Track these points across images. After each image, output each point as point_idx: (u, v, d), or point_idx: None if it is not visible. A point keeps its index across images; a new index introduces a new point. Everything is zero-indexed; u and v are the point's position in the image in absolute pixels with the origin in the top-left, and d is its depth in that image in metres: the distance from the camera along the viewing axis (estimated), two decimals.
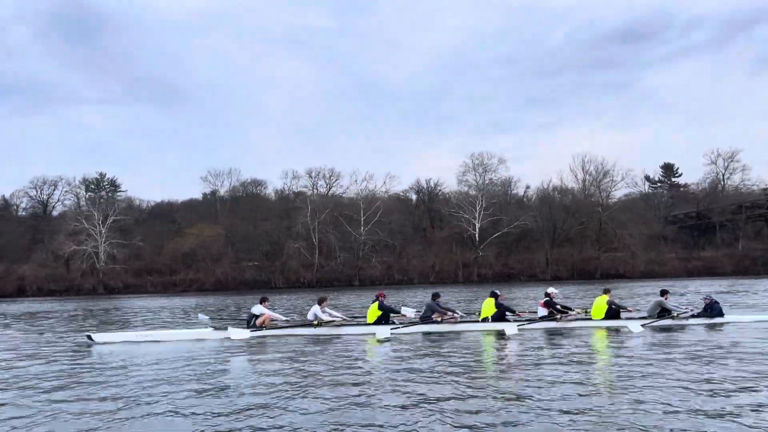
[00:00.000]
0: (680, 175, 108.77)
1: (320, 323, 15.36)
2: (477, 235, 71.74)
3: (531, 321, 15.87)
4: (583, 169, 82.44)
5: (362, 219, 71.40)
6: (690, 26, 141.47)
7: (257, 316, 15.61)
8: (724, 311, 16.06)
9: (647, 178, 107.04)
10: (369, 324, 15.53)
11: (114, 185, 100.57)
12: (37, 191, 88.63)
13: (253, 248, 70.93)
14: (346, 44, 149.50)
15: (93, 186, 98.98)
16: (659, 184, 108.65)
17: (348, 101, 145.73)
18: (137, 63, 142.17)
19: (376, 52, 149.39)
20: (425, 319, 15.72)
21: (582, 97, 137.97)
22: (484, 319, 15.68)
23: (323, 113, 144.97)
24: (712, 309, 15.82)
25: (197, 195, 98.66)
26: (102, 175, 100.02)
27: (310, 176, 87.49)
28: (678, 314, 15.69)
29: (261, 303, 16.01)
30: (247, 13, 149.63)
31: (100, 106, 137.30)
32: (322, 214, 70.77)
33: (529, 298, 31.42)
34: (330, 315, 15.95)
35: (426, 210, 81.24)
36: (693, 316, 15.79)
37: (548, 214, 72.79)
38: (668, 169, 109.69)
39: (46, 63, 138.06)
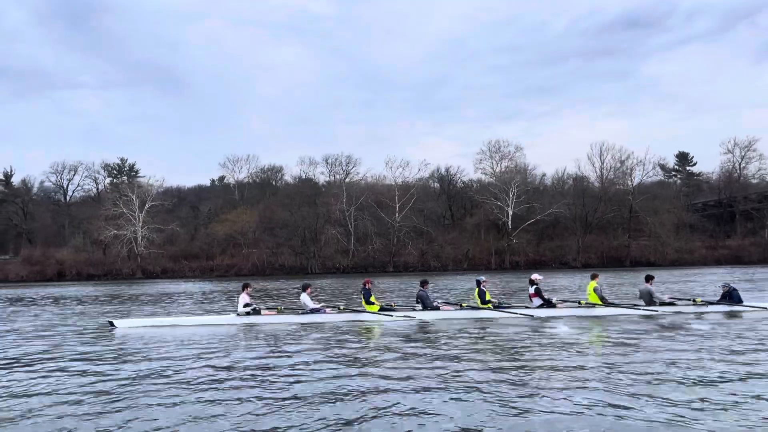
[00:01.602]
0: (695, 164, 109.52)
1: (341, 310, 15.44)
2: (510, 223, 72.40)
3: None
4: (600, 158, 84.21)
5: (397, 205, 71.92)
6: (693, 14, 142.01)
7: (249, 305, 15.27)
8: (743, 298, 15.93)
9: (662, 166, 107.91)
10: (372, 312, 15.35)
11: (133, 170, 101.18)
12: (57, 176, 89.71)
13: (290, 234, 71.41)
14: (347, 31, 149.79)
15: (115, 171, 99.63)
16: (674, 173, 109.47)
17: (347, 89, 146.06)
18: (135, 48, 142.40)
19: (377, 40, 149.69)
20: (426, 308, 15.39)
21: (583, 86, 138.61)
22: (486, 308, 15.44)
23: (322, 100, 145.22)
24: (731, 296, 15.73)
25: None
26: (123, 161, 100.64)
27: (327, 163, 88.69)
28: (693, 300, 15.96)
29: (244, 290, 15.58)
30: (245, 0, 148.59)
31: (97, 90, 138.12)
32: (359, 200, 71.30)
33: (562, 286, 30.62)
34: (312, 303, 15.52)
35: (454, 197, 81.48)
36: (711, 303, 15.80)
37: (581, 201, 73.31)
38: (683, 158, 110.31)
39: (44, 47, 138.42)
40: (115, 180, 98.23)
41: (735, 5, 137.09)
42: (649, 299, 15.67)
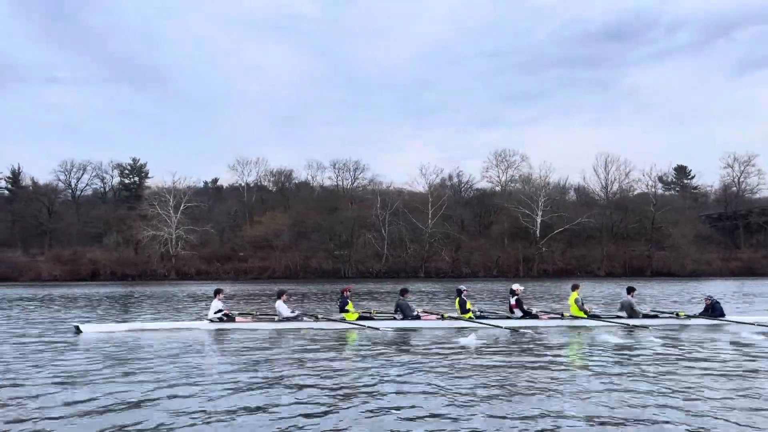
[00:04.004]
0: (692, 177, 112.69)
1: (317, 319, 14.77)
2: (538, 231, 74.21)
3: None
4: (605, 169, 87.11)
5: (430, 212, 73.30)
6: (673, 27, 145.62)
7: (220, 310, 14.79)
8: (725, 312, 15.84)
9: (660, 179, 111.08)
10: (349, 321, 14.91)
11: (143, 170, 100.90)
12: (66, 175, 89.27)
13: (323, 238, 72.26)
14: (332, 33, 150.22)
15: (127, 171, 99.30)
16: (671, 185, 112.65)
17: (330, 90, 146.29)
18: (114, 43, 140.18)
19: (362, 42, 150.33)
20: (406, 319, 14.95)
21: (564, 94, 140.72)
22: (469, 318, 14.96)
23: (305, 101, 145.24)
24: (713, 309, 15.67)
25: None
26: (135, 161, 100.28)
27: (335, 168, 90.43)
28: (675, 313, 15.75)
29: (215, 296, 15.01)
30: None
31: (74, 86, 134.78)
32: (393, 206, 72.52)
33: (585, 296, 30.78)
34: (286, 311, 14.97)
35: (479, 204, 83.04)
36: (694, 316, 15.63)
37: (607, 212, 75.51)
38: (681, 171, 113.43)
39: (20, 40, 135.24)
40: (126, 180, 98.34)
41: (714, 20, 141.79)
42: (631, 311, 15.43)
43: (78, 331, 14.07)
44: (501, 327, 14.24)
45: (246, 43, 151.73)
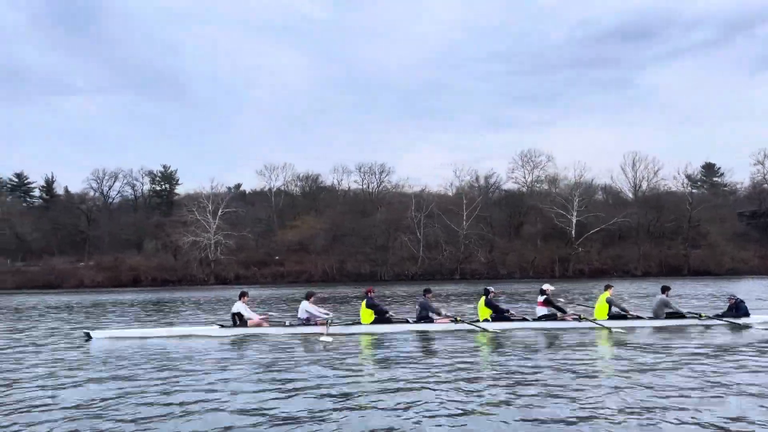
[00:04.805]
0: (722, 175, 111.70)
1: (330, 323, 14.33)
2: (574, 231, 74.21)
3: (524, 321, 15.11)
4: (633, 167, 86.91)
5: (464, 213, 73.60)
6: (692, 25, 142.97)
7: (239, 314, 14.55)
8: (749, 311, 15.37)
9: (688, 177, 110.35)
10: (364, 324, 14.66)
11: (173, 177, 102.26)
12: (98, 183, 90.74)
13: (359, 241, 72.84)
14: (341, 37, 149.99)
15: (159, 178, 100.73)
16: (700, 183, 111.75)
17: (340, 94, 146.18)
18: (131, 52, 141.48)
19: (371, 45, 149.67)
20: (422, 319, 14.83)
21: (577, 95, 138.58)
22: (485, 320, 14.84)
23: (315, 105, 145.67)
24: (737, 309, 15.25)
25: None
26: (166, 168, 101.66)
27: (360, 171, 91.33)
28: (699, 315, 15.26)
29: (240, 298, 14.83)
30: (242, 3, 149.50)
31: (93, 94, 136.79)
32: (428, 208, 72.93)
33: (622, 296, 29.42)
34: (317, 311, 14.78)
35: (512, 204, 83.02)
36: (717, 316, 15.26)
37: (643, 211, 75.24)
38: (709, 169, 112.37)
39: (40, 50, 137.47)
40: (157, 187, 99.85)
41: (734, 16, 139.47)
42: (661, 310, 15.22)
43: (88, 337, 13.99)
44: (487, 330, 14.18)
45: (255, 47, 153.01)
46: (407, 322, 14.94)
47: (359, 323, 14.71)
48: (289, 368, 9.75)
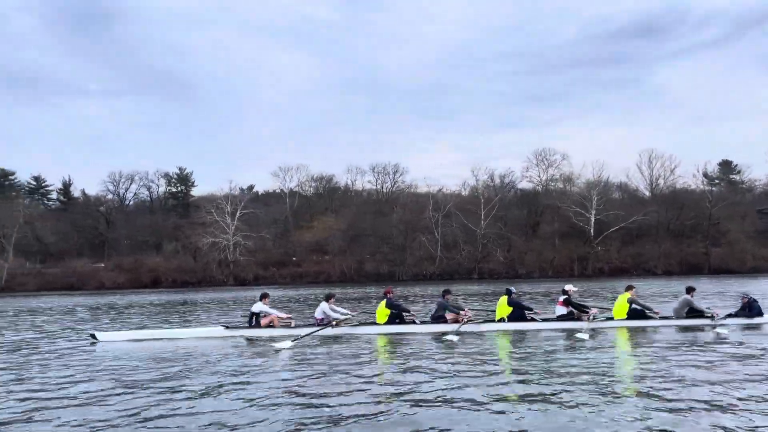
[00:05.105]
0: (739, 172, 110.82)
1: (337, 323, 14.25)
2: (592, 230, 73.94)
3: (546, 321, 14.88)
4: (650, 165, 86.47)
5: (482, 213, 73.49)
6: (703, 22, 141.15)
7: (257, 315, 14.47)
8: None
9: (705, 175, 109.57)
10: (380, 324, 14.47)
11: (188, 179, 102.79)
12: (115, 185, 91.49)
13: (377, 242, 72.94)
14: (351, 38, 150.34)
15: (174, 180, 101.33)
16: (717, 181, 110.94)
17: (351, 95, 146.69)
18: (141, 55, 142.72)
19: (381, 46, 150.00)
20: (437, 318, 14.66)
21: (588, 94, 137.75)
22: (500, 320, 14.62)
23: (325, 106, 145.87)
24: (750, 308, 14.86)
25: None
26: (181, 170, 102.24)
27: (374, 172, 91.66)
28: (711, 315, 14.69)
29: (261, 299, 14.73)
30: (252, 5, 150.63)
31: (103, 97, 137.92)
32: (446, 208, 72.94)
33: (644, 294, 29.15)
34: (337, 312, 14.75)
35: (529, 203, 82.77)
36: (730, 316, 14.83)
37: (663, 209, 74.81)
38: (726, 166, 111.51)
39: (50, 54, 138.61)
40: (173, 189, 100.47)
41: (745, 12, 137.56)
42: (683, 311, 14.90)
43: (94, 338, 13.99)
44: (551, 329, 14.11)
45: (266, 50, 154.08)
46: (414, 323, 14.75)
47: (374, 323, 14.62)
48: (277, 370, 9.64)
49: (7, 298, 53.66)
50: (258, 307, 14.46)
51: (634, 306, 14.78)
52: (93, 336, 14.09)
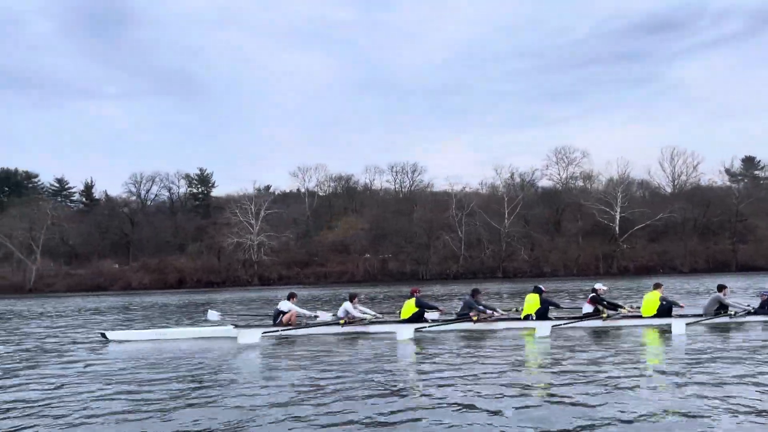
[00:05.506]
0: (762, 168, 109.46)
1: (347, 321, 14.33)
2: (618, 228, 73.44)
3: (573, 319, 14.59)
4: (671, 162, 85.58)
5: (506, 211, 73.30)
6: (721, 16, 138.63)
7: (283, 313, 14.56)
8: None
9: (727, 171, 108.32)
10: (398, 322, 14.58)
11: (209, 180, 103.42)
12: (136, 186, 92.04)
13: (401, 241, 73.01)
14: (366, 38, 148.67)
15: (195, 181, 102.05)
16: (740, 177, 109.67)
17: (366, 95, 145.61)
18: (156, 57, 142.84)
19: (396, 46, 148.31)
20: (462, 316, 14.64)
21: (605, 90, 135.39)
22: (527, 317, 14.52)
23: (341, 106, 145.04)
24: None
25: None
26: (202, 171, 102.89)
27: (393, 171, 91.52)
28: (736, 312, 14.47)
29: (289, 299, 14.89)
30: (267, 7, 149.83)
31: (119, 100, 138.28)
32: (469, 206, 72.86)
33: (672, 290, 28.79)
34: (362, 312, 14.86)
35: (553, 202, 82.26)
36: (749, 313, 14.62)
37: (689, 206, 74.16)
38: (749, 162, 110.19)
39: (67, 57, 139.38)
40: (194, 190, 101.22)
41: (764, 6, 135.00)
42: (712, 308, 14.63)
43: (105, 338, 14.03)
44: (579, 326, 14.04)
45: (281, 51, 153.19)
46: (436, 321, 14.80)
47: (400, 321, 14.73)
48: (288, 368, 9.64)
49: (35, 298, 54.39)
50: (285, 305, 14.57)
51: (664, 303, 14.55)
52: (103, 335, 14.13)
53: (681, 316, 14.45)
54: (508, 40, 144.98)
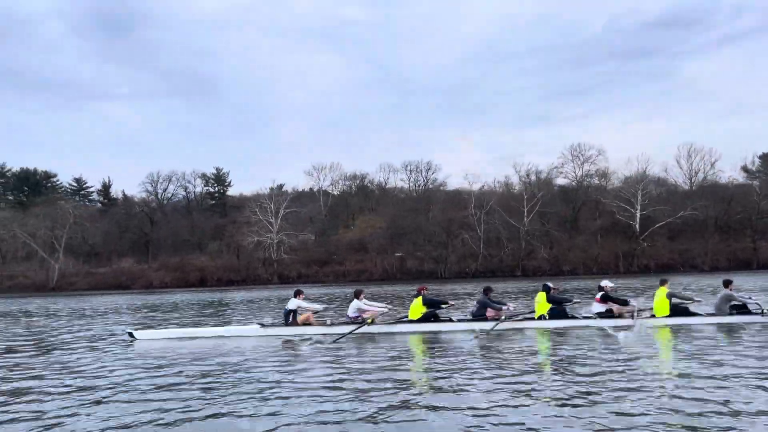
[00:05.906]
0: None
1: (372, 320, 13.99)
2: (638, 225, 72.98)
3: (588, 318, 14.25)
4: (688, 159, 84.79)
5: (525, 209, 73.11)
6: (737, 11, 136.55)
7: (294, 312, 14.38)
8: None
9: (744, 168, 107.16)
10: (414, 321, 14.33)
11: (225, 180, 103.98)
12: (153, 186, 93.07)
13: (420, 239, 73.04)
14: (378, 37, 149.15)
15: (212, 181, 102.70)
16: (757, 174, 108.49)
17: (378, 94, 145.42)
18: (169, 57, 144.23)
19: (408, 44, 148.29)
20: (478, 316, 14.46)
21: (620, 87, 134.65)
22: (540, 317, 14.29)
23: (352, 105, 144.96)
24: None
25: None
26: (218, 170, 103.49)
27: (407, 170, 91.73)
28: (762, 311, 14.07)
29: (296, 296, 14.56)
30: (278, 7, 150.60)
31: (133, 100, 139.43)
32: (488, 205, 72.74)
33: (689, 288, 28.64)
34: (370, 306, 14.67)
35: (572, 199, 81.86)
36: (763, 313, 14.16)
37: (710, 203, 73.56)
38: (766, 159, 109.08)
39: (80, 59, 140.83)
40: (210, 189, 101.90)
41: None
42: (724, 306, 14.32)
43: (132, 337, 14.16)
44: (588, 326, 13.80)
45: (294, 51, 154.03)
46: (451, 320, 14.58)
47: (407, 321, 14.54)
48: (312, 368, 9.58)
49: (59, 297, 55.07)
50: (294, 303, 14.35)
51: (674, 300, 14.28)
52: (131, 335, 14.22)
53: (710, 314, 14.24)
54: (520, 37, 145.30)
